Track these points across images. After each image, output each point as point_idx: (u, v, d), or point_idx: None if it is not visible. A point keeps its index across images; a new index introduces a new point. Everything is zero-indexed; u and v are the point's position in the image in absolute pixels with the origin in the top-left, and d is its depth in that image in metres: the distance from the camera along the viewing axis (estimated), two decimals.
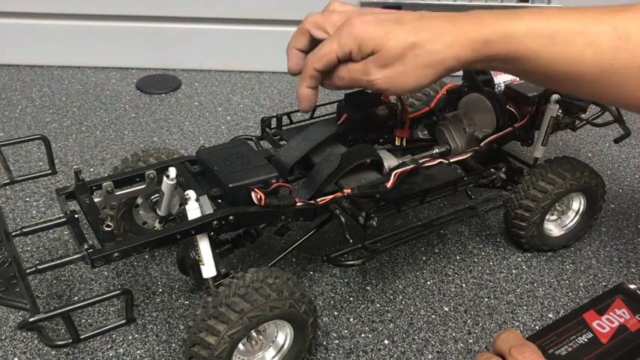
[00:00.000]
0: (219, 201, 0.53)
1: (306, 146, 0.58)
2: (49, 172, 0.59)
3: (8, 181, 0.57)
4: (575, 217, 0.69)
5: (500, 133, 0.66)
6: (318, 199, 0.56)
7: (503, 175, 0.65)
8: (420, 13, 0.50)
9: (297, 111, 0.69)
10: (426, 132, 0.71)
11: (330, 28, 0.53)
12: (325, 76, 0.53)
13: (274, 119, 0.66)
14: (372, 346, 0.59)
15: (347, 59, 0.50)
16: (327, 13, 0.54)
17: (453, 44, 0.48)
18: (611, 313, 0.53)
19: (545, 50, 0.47)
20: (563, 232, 0.69)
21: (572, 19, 0.47)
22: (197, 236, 0.51)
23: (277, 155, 0.58)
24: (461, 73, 0.71)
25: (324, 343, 0.59)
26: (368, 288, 0.65)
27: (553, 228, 0.69)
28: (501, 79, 0.71)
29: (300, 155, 0.58)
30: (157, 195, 0.60)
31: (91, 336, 0.47)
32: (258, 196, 0.52)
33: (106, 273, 0.65)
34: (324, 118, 0.68)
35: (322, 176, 0.57)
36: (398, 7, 1.05)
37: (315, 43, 0.54)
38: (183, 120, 0.96)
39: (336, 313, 0.62)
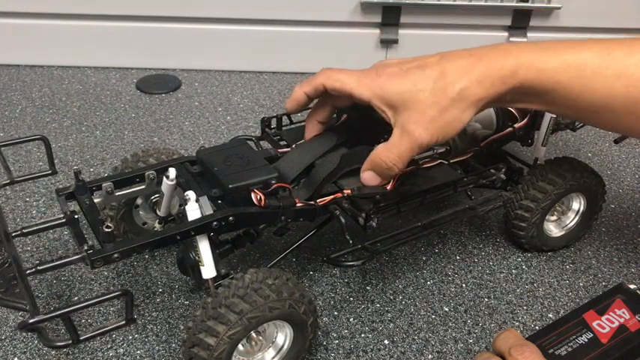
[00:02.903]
0: (219, 202, 0.53)
1: (307, 159, 0.58)
2: (49, 172, 0.59)
3: (8, 181, 0.57)
4: (575, 217, 0.69)
5: (500, 134, 0.66)
6: (318, 200, 0.56)
7: (503, 176, 0.65)
8: (440, 55, 0.50)
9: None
10: None
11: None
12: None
13: (274, 119, 0.66)
14: (372, 346, 0.59)
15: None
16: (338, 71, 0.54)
17: (483, 80, 0.47)
18: (611, 313, 0.53)
19: (575, 82, 0.46)
20: (563, 233, 0.69)
21: (601, 51, 0.47)
22: (197, 237, 0.51)
23: (277, 166, 0.57)
24: None
25: (324, 343, 0.59)
26: (368, 288, 0.65)
27: (553, 228, 0.69)
28: None
29: (300, 169, 0.57)
30: (156, 195, 0.60)
31: (90, 337, 0.47)
32: (258, 197, 0.52)
33: (106, 273, 0.65)
34: None
35: (321, 176, 0.56)
36: (398, 7, 1.05)
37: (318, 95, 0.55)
38: (183, 120, 0.96)
39: (336, 313, 0.62)
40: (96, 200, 0.54)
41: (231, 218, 0.51)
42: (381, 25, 1.08)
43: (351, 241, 0.56)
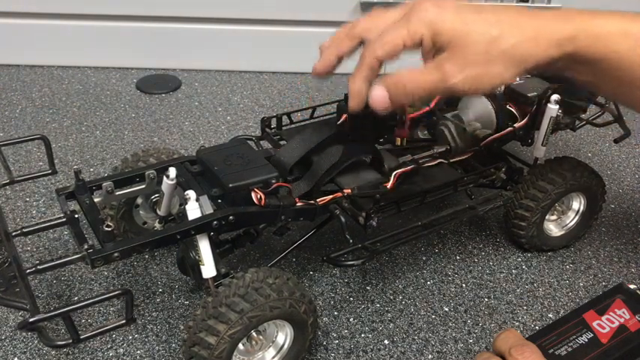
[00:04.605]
0: (219, 201, 0.53)
1: (306, 147, 0.58)
2: (49, 172, 0.59)
3: (8, 181, 0.57)
4: (575, 217, 0.69)
5: (501, 133, 0.66)
6: (318, 200, 0.56)
7: (503, 175, 0.65)
8: (493, 5, 0.46)
9: (297, 111, 0.69)
10: (426, 132, 0.71)
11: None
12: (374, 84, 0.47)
13: (274, 119, 0.66)
14: (372, 346, 0.59)
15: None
16: (379, 14, 0.49)
17: (538, 38, 0.44)
18: (611, 313, 0.53)
19: (629, 53, 0.45)
20: (563, 232, 0.69)
21: None
22: (197, 236, 0.51)
23: (277, 155, 0.58)
24: None
25: (324, 343, 0.59)
26: (368, 288, 0.65)
27: (553, 228, 0.69)
28: None
29: (299, 155, 0.58)
30: (157, 195, 0.60)
31: (91, 336, 0.47)
32: (258, 196, 0.52)
33: (106, 273, 0.65)
34: (324, 118, 0.68)
35: (323, 168, 0.56)
36: None
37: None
38: (183, 120, 0.96)
39: (336, 313, 0.62)
40: (96, 200, 0.54)
41: (231, 217, 0.51)
42: None
43: (351, 241, 0.56)
